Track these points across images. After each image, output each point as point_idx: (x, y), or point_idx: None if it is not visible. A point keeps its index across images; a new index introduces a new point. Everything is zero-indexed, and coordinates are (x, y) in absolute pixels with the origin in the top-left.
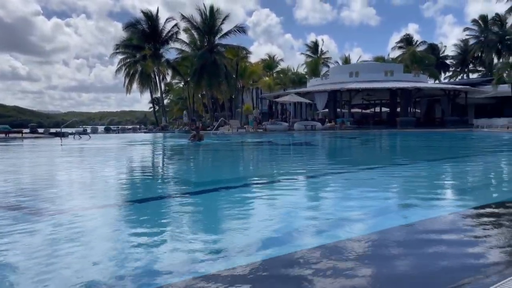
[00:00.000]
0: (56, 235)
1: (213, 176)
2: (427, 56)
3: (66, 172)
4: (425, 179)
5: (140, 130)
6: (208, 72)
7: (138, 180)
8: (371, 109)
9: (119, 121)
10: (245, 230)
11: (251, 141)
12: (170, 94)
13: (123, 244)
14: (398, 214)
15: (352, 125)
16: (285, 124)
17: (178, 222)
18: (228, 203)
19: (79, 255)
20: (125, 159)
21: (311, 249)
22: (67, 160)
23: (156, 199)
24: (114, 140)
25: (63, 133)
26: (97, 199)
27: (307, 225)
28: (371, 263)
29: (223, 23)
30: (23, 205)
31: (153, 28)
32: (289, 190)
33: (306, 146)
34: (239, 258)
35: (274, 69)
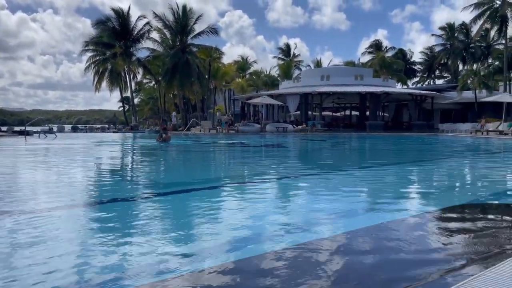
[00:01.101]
0: (17, 237)
1: (179, 177)
2: (396, 61)
3: (29, 172)
4: (391, 182)
5: (109, 129)
6: (180, 72)
7: (101, 181)
8: (341, 113)
9: (87, 120)
10: (213, 232)
11: (222, 142)
12: (141, 94)
13: (87, 246)
14: (364, 216)
15: (322, 128)
16: (257, 125)
17: (143, 224)
18: (194, 205)
19: (39, 258)
20: (90, 159)
21: (279, 250)
22: (30, 160)
23: (119, 201)
24: (81, 139)
25: (27, 132)
26: (59, 200)
27: (276, 227)
28: (337, 263)
29: (196, 23)
30: None
31: (124, 26)
32: (258, 191)
33: (277, 148)
34: (207, 260)
35: (246, 71)
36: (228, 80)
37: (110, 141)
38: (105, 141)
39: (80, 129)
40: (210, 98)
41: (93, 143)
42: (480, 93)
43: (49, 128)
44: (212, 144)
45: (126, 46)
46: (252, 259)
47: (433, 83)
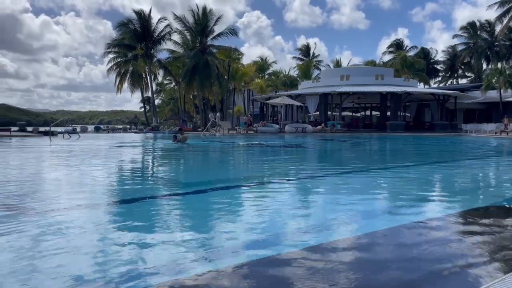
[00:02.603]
0: (42, 235)
1: (196, 177)
2: (418, 61)
3: (54, 172)
4: (413, 183)
5: (131, 130)
6: (200, 73)
7: (121, 181)
8: (361, 113)
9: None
10: (233, 231)
11: (241, 142)
12: (162, 95)
13: (107, 244)
14: (385, 217)
15: (342, 128)
16: (276, 126)
17: (162, 223)
18: (213, 205)
19: (64, 255)
20: (110, 160)
21: (297, 250)
22: (55, 160)
23: (138, 200)
24: (103, 140)
25: (52, 132)
26: (81, 198)
27: (294, 227)
28: (356, 264)
29: (216, 24)
30: (8, 203)
31: (145, 28)
32: (277, 192)
33: (297, 148)
34: (227, 259)
35: (266, 71)
36: (247, 80)
37: (131, 142)
38: (126, 142)
39: (102, 129)
40: (229, 98)
41: (115, 143)
42: (505, 93)
43: (73, 128)
44: (230, 144)
45: (147, 47)
46: (272, 259)
47: (456, 82)
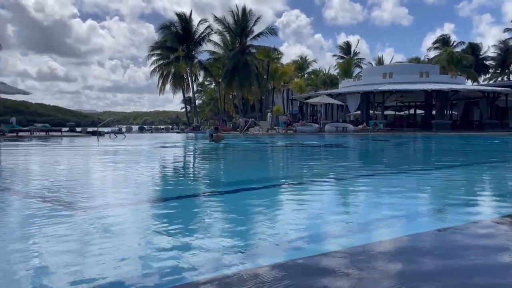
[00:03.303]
0: (87, 230)
1: (235, 176)
2: (465, 57)
3: (101, 170)
4: (461, 184)
5: (173, 130)
6: (240, 73)
7: (164, 180)
8: (405, 112)
9: (152, 121)
10: (271, 230)
11: (280, 142)
12: (202, 95)
13: (148, 240)
14: (430, 219)
15: (385, 127)
16: (316, 125)
17: (200, 221)
18: (252, 204)
19: (107, 250)
20: (155, 159)
21: (337, 251)
22: (103, 158)
23: (181, 198)
24: (147, 140)
25: (99, 132)
26: (126, 196)
27: (334, 227)
28: (398, 268)
29: (255, 24)
30: (60, 199)
31: (187, 30)
32: (317, 192)
33: (337, 148)
34: (264, 258)
35: (305, 70)
36: (286, 80)
37: (173, 142)
38: (168, 142)
39: (146, 129)
40: (268, 98)
41: (158, 143)
42: None
43: (119, 128)
44: (269, 144)
45: (188, 49)
46: (309, 259)
47: (507, 79)
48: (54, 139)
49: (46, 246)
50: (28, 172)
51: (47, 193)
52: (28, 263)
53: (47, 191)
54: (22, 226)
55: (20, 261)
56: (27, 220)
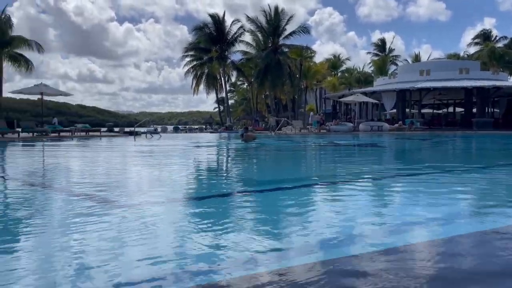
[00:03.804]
0: (123, 226)
1: (267, 175)
2: (508, 52)
3: (138, 169)
4: (504, 185)
5: (206, 130)
6: (272, 72)
7: (198, 178)
8: (443, 110)
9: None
10: (302, 230)
11: (313, 141)
12: (235, 95)
13: (181, 238)
14: (470, 220)
15: (422, 126)
16: (350, 124)
17: (232, 220)
18: (284, 204)
19: (143, 247)
20: (189, 158)
21: (371, 252)
22: (140, 158)
23: (214, 197)
24: (181, 139)
25: (136, 132)
26: (160, 194)
27: (368, 228)
28: (435, 271)
29: (288, 23)
30: (98, 196)
31: (220, 31)
32: (351, 192)
33: (371, 147)
34: (295, 258)
35: (339, 69)
36: (319, 79)
37: (206, 141)
38: (202, 141)
39: (180, 129)
40: (301, 97)
41: (192, 142)
42: None
43: (154, 128)
44: (302, 143)
45: (221, 49)
46: (341, 260)
47: None
48: (94, 139)
49: (85, 242)
50: (70, 170)
51: (87, 191)
52: (68, 258)
53: (87, 189)
54: (64, 223)
55: (60, 256)
56: (69, 216)
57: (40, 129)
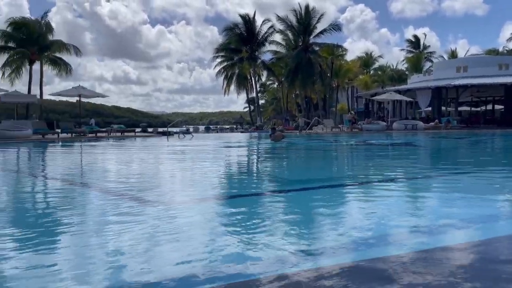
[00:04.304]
0: (156, 224)
1: (299, 175)
2: None
3: (172, 168)
4: None
5: (237, 129)
6: (302, 71)
7: (229, 177)
8: (481, 107)
9: (217, 121)
10: (333, 230)
11: (344, 140)
12: (265, 95)
13: (213, 236)
14: (508, 222)
15: (459, 124)
16: (383, 123)
17: (262, 219)
18: (314, 203)
19: (175, 244)
20: (221, 157)
21: (403, 253)
22: (173, 157)
23: (245, 196)
24: (213, 139)
25: (169, 132)
26: (192, 193)
27: (401, 229)
28: (472, 273)
29: (318, 21)
30: (133, 195)
31: (250, 31)
32: (383, 192)
33: (406, 146)
34: (326, 258)
35: (371, 66)
36: (351, 77)
37: (237, 141)
38: (233, 141)
39: (211, 129)
40: (332, 96)
41: (223, 142)
42: None
43: (187, 129)
44: (333, 142)
45: (252, 50)
46: (373, 261)
47: None
48: (129, 139)
49: (121, 238)
50: (108, 170)
51: (125, 190)
52: (102, 253)
53: (125, 188)
54: (101, 220)
55: (96, 252)
56: (106, 214)
57: (78, 129)
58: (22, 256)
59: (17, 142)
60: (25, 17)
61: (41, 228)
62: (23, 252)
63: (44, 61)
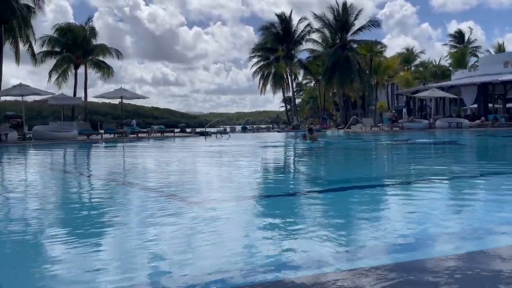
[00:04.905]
0: (195, 221)
1: (336, 175)
2: None
3: (210, 167)
4: None
5: (273, 129)
6: (340, 69)
7: (266, 177)
8: None
9: (253, 121)
10: (373, 231)
11: (384, 139)
12: (301, 94)
13: (253, 235)
14: None
15: (507, 122)
16: (425, 121)
17: (300, 219)
18: (352, 204)
19: (213, 242)
20: (257, 157)
21: (446, 256)
22: (211, 157)
23: (281, 196)
24: (249, 139)
25: (207, 132)
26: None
27: (443, 231)
28: None
29: (356, 18)
30: (172, 193)
31: (286, 30)
32: (426, 192)
33: (450, 145)
34: (365, 259)
35: (412, 63)
36: (391, 74)
37: (274, 140)
38: (269, 141)
39: (248, 129)
40: (371, 94)
41: (259, 142)
42: None
43: (224, 129)
44: (372, 142)
45: (288, 49)
46: (416, 263)
47: None
48: (168, 139)
49: (161, 235)
50: (149, 169)
51: (165, 188)
52: (142, 250)
53: (165, 186)
54: (143, 217)
55: (136, 248)
56: (148, 211)
57: (120, 130)
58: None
59: (64, 143)
60: (70, 23)
61: (92, 222)
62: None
63: (88, 65)
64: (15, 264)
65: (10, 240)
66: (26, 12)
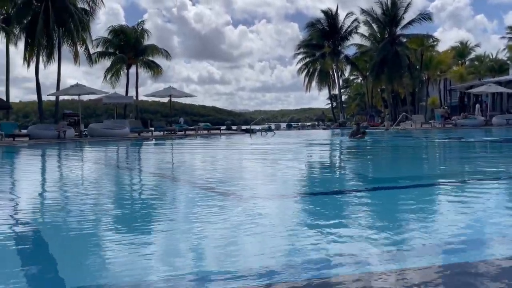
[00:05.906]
0: (238, 217)
1: (383, 174)
2: None
3: (256, 164)
4: None
5: (319, 126)
6: (389, 65)
7: (314, 175)
8: None
9: (298, 118)
10: (421, 231)
11: (436, 137)
12: (348, 90)
13: (296, 233)
14: None
15: None
16: (481, 118)
17: (346, 216)
18: (400, 203)
19: (255, 238)
20: (302, 154)
21: (497, 260)
22: (257, 154)
23: (326, 194)
24: (294, 136)
25: (252, 130)
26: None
27: (496, 233)
28: None
29: (406, 12)
30: (218, 189)
31: (333, 26)
32: (479, 193)
33: (508, 143)
34: (412, 259)
35: (466, 57)
36: (443, 69)
37: (320, 138)
38: (315, 138)
39: (293, 126)
40: (421, 90)
41: (304, 139)
42: None
43: (268, 126)
44: (423, 139)
45: (334, 44)
46: (464, 265)
47: None
48: (215, 137)
49: (204, 230)
50: (198, 165)
51: (212, 184)
52: (185, 244)
53: (212, 182)
54: (187, 212)
55: (178, 242)
56: (193, 206)
57: (169, 128)
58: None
59: (117, 140)
60: (123, 25)
61: (144, 215)
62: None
63: (139, 65)
64: (75, 252)
65: (68, 229)
66: (83, 15)
